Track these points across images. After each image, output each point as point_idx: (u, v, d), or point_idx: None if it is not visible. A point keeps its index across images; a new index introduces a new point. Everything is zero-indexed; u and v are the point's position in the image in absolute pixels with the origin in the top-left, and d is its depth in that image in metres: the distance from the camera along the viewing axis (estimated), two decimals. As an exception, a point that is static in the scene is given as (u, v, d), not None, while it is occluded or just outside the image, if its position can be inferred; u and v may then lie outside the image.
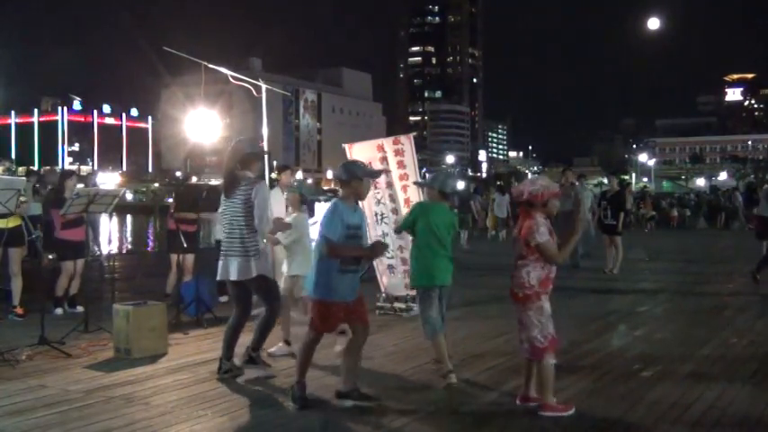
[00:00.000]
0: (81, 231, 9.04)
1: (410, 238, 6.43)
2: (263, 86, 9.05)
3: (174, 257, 9.50)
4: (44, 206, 9.37)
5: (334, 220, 5.03)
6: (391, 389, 5.70)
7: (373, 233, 8.88)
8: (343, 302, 5.13)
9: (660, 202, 36.90)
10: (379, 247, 5.44)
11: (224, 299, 9.79)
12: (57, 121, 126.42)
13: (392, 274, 9.23)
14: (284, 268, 6.93)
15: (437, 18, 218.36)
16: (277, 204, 10.11)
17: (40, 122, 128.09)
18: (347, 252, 5.09)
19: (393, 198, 9.12)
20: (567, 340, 6.55)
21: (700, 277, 13.36)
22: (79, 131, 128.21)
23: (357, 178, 5.18)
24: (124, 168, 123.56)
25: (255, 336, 6.04)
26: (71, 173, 10.02)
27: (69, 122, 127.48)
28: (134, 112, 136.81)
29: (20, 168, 27.36)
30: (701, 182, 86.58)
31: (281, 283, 6.98)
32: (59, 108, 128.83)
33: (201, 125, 12.73)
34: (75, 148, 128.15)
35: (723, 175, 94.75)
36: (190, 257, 9.68)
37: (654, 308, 9.98)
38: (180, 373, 6.18)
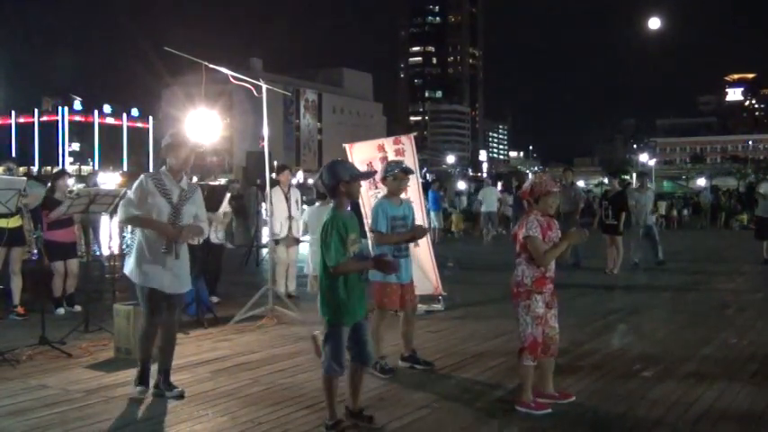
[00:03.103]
0: (69, 232, 9.06)
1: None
2: (264, 86, 9.03)
3: None
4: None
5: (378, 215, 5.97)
6: (391, 388, 5.70)
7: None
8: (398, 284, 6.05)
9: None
10: (420, 230, 6.25)
11: (215, 299, 9.76)
12: (57, 121, 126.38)
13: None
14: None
15: (437, 18, 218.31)
16: (278, 203, 10.17)
17: (40, 122, 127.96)
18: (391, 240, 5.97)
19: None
20: (567, 340, 6.53)
21: (700, 277, 13.35)
22: (80, 131, 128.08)
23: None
24: (125, 168, 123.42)
25: None
26: (63, 173, 9.85)
27: (70, 122, 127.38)
28: (135, 112, 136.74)
29: (20, 169, 27.36)
30: (701, 181, 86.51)
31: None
32: (60, 108, 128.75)
33: (202, 125, 12.74)
34: (76, 148, 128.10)
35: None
36: None
37: (654, 308, 9.97)
38: (180, 373, 6.17)
